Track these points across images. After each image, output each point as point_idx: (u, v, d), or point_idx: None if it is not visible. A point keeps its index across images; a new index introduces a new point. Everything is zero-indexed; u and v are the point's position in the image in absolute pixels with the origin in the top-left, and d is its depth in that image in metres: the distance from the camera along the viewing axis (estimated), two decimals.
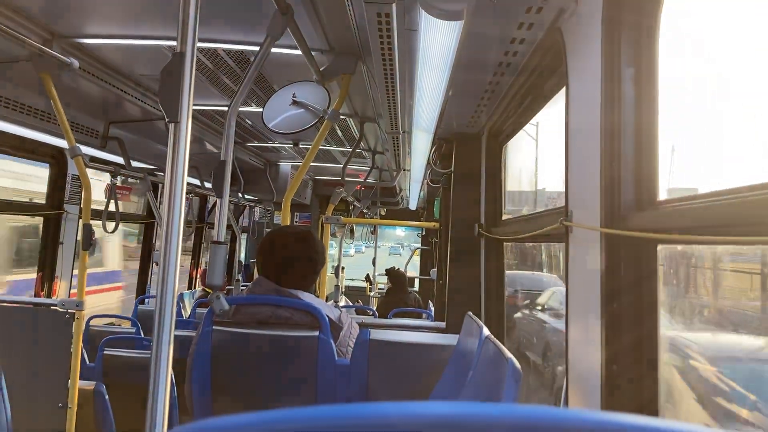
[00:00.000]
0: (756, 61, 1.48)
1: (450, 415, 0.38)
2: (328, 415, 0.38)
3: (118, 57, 3.34)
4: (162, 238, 1.50)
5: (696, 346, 2.16)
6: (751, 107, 1.56)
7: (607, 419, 0.38)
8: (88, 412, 3.47)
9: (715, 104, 1.76)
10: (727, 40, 1.65)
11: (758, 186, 1.07)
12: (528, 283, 7.02)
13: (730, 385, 2.01)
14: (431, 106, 2.96)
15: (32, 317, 3.31)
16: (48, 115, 3.78)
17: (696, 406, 2.11)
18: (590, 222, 1.67)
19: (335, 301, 5.19)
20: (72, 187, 4.78)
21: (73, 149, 3.31)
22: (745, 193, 1.10)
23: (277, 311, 2.59)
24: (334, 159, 6.84)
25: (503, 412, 0.38)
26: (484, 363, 1.81)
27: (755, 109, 1.52)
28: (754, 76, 1.52)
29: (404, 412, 0.38)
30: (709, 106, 1.79)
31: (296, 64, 3.06)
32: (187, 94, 1.49)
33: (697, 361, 2.16)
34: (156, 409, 1.46)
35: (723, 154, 1.73)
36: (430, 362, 2.58)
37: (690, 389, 2.11)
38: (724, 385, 2.04)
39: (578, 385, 1.78)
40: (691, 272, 2.18)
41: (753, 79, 1.53)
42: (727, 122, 1.71)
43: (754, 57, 1.49)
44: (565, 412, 0.38)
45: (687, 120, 1.86)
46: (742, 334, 2.04)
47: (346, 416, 0.38)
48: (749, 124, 1.57)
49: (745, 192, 1.10)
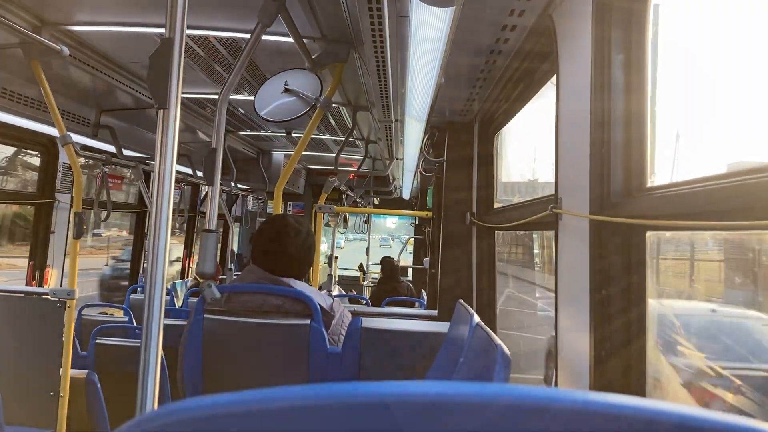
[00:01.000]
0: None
1: (438, 394, 0.38)
2: (308, 395, 0.38)
3: (109, 44, 3.32)
4: (151, 224, 1.50)
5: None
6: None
7: (595, 400, 0.38)
8: (80, 401, 3.47)
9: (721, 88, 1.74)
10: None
11: (745, 171, 1.07)
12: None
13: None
14: (423, 94, 2.95)
15: (24, 306, 3.30)
16: (39, 103, 3.76)
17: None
18: (580, 209, 1.68)
19: (328, 290, 5.19)
20: (63, 176, 4.75)
21: (63, 137, 3.30)
22: (734, 178, 1.10)
23: (269, 299, 2.59)
24: (327, 148, 6.82)
25: (491, 391, 0.38)
26: (474, 349, 1.82)
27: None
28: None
29: (362, 391, 0.38)
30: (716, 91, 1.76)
31: (288, 51, 3.04)
32: (175, 79, 1.48)
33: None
34: (145, 396, 1.47)
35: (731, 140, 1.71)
36: (422, 350, 2.59)
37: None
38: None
39: (567, 371, 1.79)
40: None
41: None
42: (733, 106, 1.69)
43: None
44: (556, 391, 0.38)
45: (694, 106, 1.83)
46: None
47: (322, 396, 0.38)
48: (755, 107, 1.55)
49: (733, 177, 1.11)
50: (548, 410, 0.37)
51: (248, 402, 0.38)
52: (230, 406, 0.38)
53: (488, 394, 0.38)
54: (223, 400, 0.38)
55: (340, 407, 0.37)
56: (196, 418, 0.38)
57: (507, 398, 0.38)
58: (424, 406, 0.37)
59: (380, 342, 2.57)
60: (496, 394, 0.38)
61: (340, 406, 0.37)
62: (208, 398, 0.38)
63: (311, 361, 2.50)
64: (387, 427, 0.37)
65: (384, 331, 2.60)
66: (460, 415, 0.37)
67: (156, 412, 0.38)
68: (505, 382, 1.41)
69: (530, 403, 0.38)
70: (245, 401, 0.38)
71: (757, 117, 1.52)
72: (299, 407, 0.38)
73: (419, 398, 0.38)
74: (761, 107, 1.50)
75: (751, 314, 2.06)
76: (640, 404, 0.38)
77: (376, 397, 0.38)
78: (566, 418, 0.37)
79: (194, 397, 0.39)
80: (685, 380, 2.14)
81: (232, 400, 0.38)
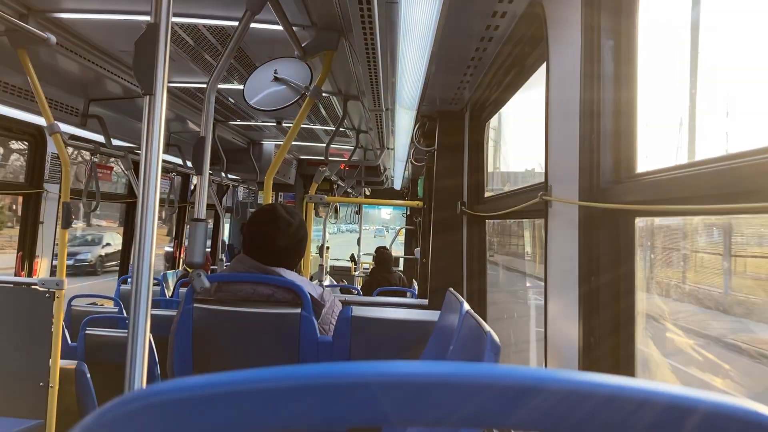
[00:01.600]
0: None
1: (427, 374, 0.37)
2: (295, 375, 0.38)
3: (96, 33, 3.29)
4: (138, 212, 1.49)
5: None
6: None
7: (586, 380, 0.37)
8: (69, 391, 3.46)
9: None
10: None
11: (732, 156, 1.07)
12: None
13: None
14: (414, 82, 2.94)
15: (12, 296, 3.28)
16: (26, 92, 3.73)
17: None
18: (569, 196, 1.68)
19: (319, 280, 5.19)
20: (52, 166, 4.72)
21: (51, 126, 3.27)
22: (722, 162, 1.10)
23: (259, 289, 2.59)
24: (318, 138, 6.80)
25: (478, 371, 0.38)
26: (464, 337, 1.82)
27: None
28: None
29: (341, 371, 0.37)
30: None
31: (278, 40, 3.02)
32: (162, 66, 1.47)
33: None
34: (133, 386, 1.46)
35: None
36: (412, 338, 2.59)
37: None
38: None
39: (556, 357, 1.79)
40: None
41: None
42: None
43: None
44: (546, 371, 0.38)
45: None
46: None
47: (309, 376, 0.37)
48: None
49: (721, 162, 1.11)
50: (537, 391, 0.37)
51: (228, 384, 0.37)
52: (209, 388, 0.37)
53: (475, 375, 0.37)
54: (202, 382, 0.37)
55: (321, 388, 0.37)
56: (168, 400, 0.37)
57: (495, 379, 0.37)
58: (407, 387, 0.37)
59: (370, 330, 2.57)
60: (483, 374, 0.37)
61: (321, 387, 0.37)
62: (180, 381, 0.37)
63: (301, 350, 2.50)
64: (369, 407, 0.37)
65: (374, 320, 2.60)
66: (443, 395, 0.37)
67: (132, 395, 0.38)
68: None
69: (518, 383, 0.37)
70: (226, 383, 0.37)
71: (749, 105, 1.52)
72: (280, 389, 0.37)
73: (402, 379, 0.37)
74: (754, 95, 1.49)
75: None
76: (632, 384, 0.37)
77: (357, 377, 0.37)
78: (556, 400, 0.37)
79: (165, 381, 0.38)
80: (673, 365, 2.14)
81: (211, 382, 0.37)
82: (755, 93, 1.49)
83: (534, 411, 0.37)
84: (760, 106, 1.43)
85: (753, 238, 1.71)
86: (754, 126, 1.39)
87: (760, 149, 1.00)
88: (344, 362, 0.38)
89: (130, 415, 0.37)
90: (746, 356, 1.83)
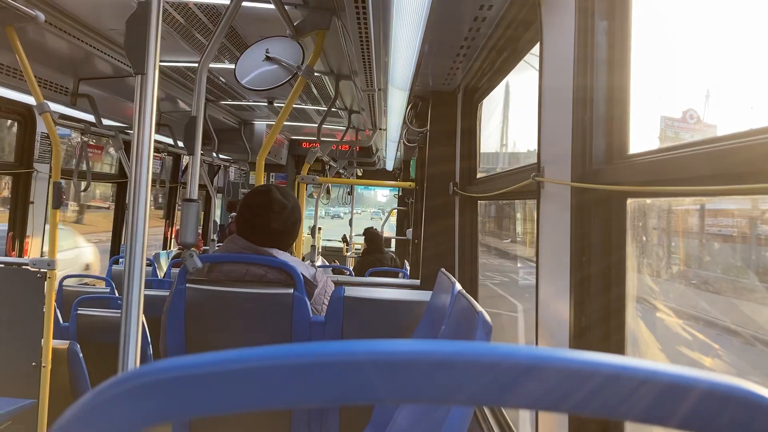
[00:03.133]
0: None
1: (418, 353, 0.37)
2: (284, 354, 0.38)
3: (86, 11, 3.26)
4: (130, 191, 1.48)
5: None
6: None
7: (583, 358, 0.37)
8: (62, 371, 3.46)
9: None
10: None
11: (726, 137, 1.08)
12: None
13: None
14: (406, 62, 2.92)
15: (3, 277, 3.27)
16: (15, 70, 3.69)
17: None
18: (562, 177, 1.68)
19: (311, 261, 5.20)
20: (42, 146, 4.69)
21: (41, 105, 3.25)
22: (713, 144, 1.10)
23: (252, 269, 2.59)
24: (310, 118, 6.78)
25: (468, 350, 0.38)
26: (456, 317, 1.83)
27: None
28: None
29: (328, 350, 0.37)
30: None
31: (270, 19, 3.00)
32: (153, 44, 1.46)
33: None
34: (126, 366, 1.47)
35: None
36: (404, 318, 2.60)
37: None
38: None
39: (547, 339, 1.80)
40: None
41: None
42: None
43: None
44: (543, 350, 0.37)
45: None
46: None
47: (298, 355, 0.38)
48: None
49: (713, 143, 1.11)
50: (535, 369, 0.37)
51: (222, 363, 0.37)
52: (203, 367, 0.37)
53: (470, 353, 0.37)
54: (196, 361, 0.37)
55: (313, 367, 0.37)
56: (165, 379, 0.37)
57: (493, 357, 0.37)
58: (399, 365, 0.37)
59: (363, 310, 2.58)
60: (478, 353, 0.37)
61: (313, 365, 0.37)
62: (176, 360, 0.37)
63: (294, 330, 2.51)
64: (361, 386, 0.37)
65: (367, 300, 2.61)
66: (435, 373, 0.37)
67: (127, 374, 0.38)
68: None
69: (517, 362, 0.37)
70: (219, 362, 0.37)
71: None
72: (273, 367, 0.37)
73: (394, 357, 0.37)
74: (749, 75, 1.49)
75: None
76: (631, 364, 0.37)
77: (349, 356, 0.37)
78: (555, 380, 0.37)
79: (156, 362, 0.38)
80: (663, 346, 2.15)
81: (205, 361, 0.37)
82: (748, 75, 1.49)
83: (533, 390, 0.37)
84: (754, 88, 1.43)
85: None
86: (746, 108, 1.39)
87: (754, 130, 1.00)
88: (336, 341, 0.38)
89: (127, 393, 0.37)
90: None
